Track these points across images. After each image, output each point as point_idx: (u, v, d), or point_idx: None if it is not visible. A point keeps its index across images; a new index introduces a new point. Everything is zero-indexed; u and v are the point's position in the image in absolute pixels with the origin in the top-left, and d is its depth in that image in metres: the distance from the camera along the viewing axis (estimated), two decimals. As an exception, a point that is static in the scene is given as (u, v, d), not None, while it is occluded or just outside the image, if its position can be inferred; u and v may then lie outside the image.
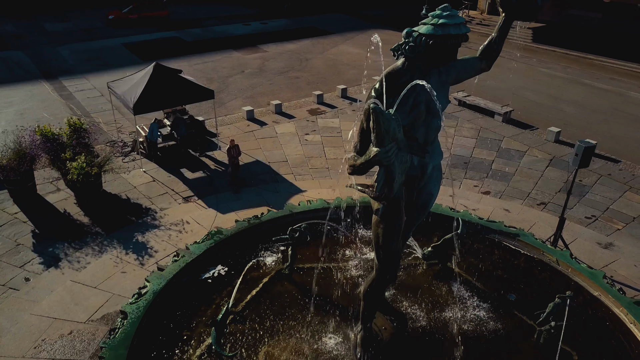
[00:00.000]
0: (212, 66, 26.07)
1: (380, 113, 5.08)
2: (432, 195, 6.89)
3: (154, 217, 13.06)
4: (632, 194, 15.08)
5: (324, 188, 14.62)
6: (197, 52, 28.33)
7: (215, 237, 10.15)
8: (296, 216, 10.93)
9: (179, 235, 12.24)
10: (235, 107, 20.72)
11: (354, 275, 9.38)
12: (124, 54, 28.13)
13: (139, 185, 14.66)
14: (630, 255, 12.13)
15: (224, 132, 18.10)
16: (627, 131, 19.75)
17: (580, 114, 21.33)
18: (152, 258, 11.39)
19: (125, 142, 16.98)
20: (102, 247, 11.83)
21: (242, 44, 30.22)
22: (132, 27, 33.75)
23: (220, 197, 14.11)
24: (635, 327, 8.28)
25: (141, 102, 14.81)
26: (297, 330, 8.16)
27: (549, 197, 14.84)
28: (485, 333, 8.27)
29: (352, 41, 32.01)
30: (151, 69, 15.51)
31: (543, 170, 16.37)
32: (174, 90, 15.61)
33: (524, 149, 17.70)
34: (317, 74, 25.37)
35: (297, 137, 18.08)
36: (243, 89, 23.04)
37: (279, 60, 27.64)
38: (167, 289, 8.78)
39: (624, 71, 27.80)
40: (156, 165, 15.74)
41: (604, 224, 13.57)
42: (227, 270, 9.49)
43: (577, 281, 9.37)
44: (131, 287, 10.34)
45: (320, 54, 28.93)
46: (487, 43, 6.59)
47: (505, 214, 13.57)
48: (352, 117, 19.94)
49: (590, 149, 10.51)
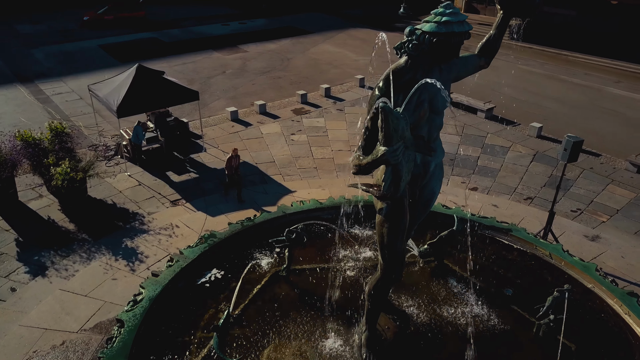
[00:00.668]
0: (193, 67, 25.75)
1: (389, 112, 5.05)
2: (434, 193, 6.90)
3: (142, 222, 12.80)
4: (614, 187, 15.41)
5: (314, 188, 14.56)
6: (176, 53, 27.94)
7: (209, 240, 9.98)
8: (290, 217, 10.83)
9: (169, 240, 12.03)
10: (219, 108, 20.49)
11: (352, 275, 9.34)
12: (101, 55, 27.56)
13: (124, 189, 14.36)
14: (617, 247, 12.39)
15: (208, 134, 17.88)
16: (605, 125, 20.18)
17: (559, 109, 21.72)
18: (143, 264, 11.16)
19: (108, 145, 16.63)
20: (90, 253, 11.55)
21: (221, 44, 29.92)
22: (108, 29, 33.11)
23: (208, 200, 13.92)
24: (629, 317, 8.42)
25: (125, 105, 14.52)
26: (299, 333, 8.08)
27: (534, 191, 15.07)
28: (485, 328, 8.32)
29: (332, 40, 31.99)
30: (134, 71, 15.21)
31: (527, 165, 16.62)
32: (157, 92, 15.35)
33: (508, 145, 17.94)
34: (299, 74, 25.28)
35: (283, 137, 17.97)
36: (225, 89, 22.81)
37: (260, 60, 27.45)
38: (163, 295, 8.60)
39: (599, 67, 28.43)
40: (141, 169, 15.45)
41: (589, 217, 13.84)
42: (223, 274, 9.35)
43: (570, 274, 9.49)
44: (123, 294, 10.13)
45: (301, 54, 28.83)
46: (486, 40, 6.63)
47: (494, 209, 13.71)
48: (337, 116, 19.92)
49: (578, 143, 10.69)
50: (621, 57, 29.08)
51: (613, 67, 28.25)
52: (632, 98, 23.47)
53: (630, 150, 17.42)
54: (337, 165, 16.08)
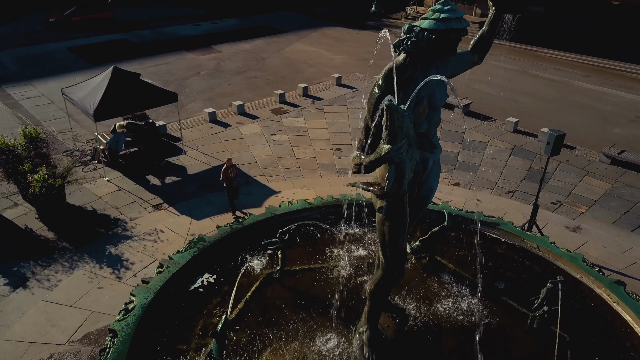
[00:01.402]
0: (166, 68, 25.29)
1: (395, 110, 5.02)
2: (432, 190, 6.92)
3: (124, 228, 12.49)
4: (590, 178, 15.82)
5: (298, 188, 14.47)
6: (148, 55, 27.39)
7: (198, 244, 9.79)
8: (279, 218, 10.73)
9: (155, 245, 11.76)
10: (196, 110, 20.18)
11: (346, 274, 9.30)
12: (69, 58, 26.79)
13: (104, 195, 13.98)
14: (597, 237, 12.71)
15: (187, 136, 17.58)
16: (577, 118, 20.71)
17: (533, 104, 22.17)
18: (129, 271, 10.88)
19: (84, 150, 16.17)
20: (72, 262, 11.19)
21: (194, 44, 29.48)
22: (75, 31, 32.21)
23: (192, 203, 13.68)
24: (618, 305, 8.64)
25: (102, 108, 14.12)
26: (297, 335, 8.00)
27: (515, 185, 15.33)
28: (480, 322, 8.40)
29: (306, 39, 31.91)
30: (109, 73, 14.82)
31: (506, 159, 16.91)
32: (135, 94, 14.99)
33: (486, 140, 18.22)
34: (276, 73, 25.12)
35: (263, 138, 17.82)
36: (201, 90, 22.48)
37: (235, 60, 27.16)
38: (155, 302, 8.39)
39: (567, 61, 29.15)
40: (120, 174, 15.07)
41: (568, 209, 14.16)
42: (215, 278, 9.18)
43: (558, 265, 9.68)
44: (111, 302, 9.87)
45: (276, 53, 28.66)
46: (479, 37, 6.68)
47: (478, 204, 13.89)
48: (317, 115, 19.86)
49: (560, 137, 10.90)
50: (590, 52, 29.88)
51: (581, 62, 29.01)
52: (601, 92, 24.14)
53: (603, 142, 17.92)
54: (320, 164, 16.02)
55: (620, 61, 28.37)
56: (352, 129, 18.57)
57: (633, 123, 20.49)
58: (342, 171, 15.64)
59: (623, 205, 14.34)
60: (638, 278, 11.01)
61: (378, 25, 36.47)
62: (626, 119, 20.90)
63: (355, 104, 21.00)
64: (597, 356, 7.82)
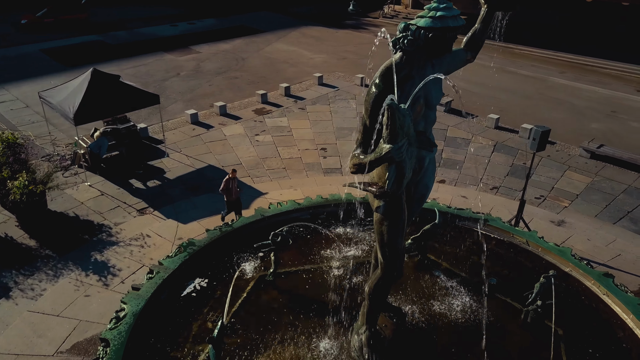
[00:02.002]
0: (145, 70, 24.87)
1: (396, 109, 4.99)
2: (428, 188, 6.92)
3: (109, 234, 12.22)
4: (572, 173, 16.11)
5: (285, 189, 14.38)
6: (125, 56, 26.90)
7: (188, 249, 9.63)
8: (269, 220, 10.63)
9: (142, 250, 11.53)
10: (177, 111, 19.89)
11: (340, 275, 9.25)
12: (44, 60, 26.13)
13: (86, 200, 13.66)
14: (582, 231, 12.94)
15: (169, 138, 17.30)
16: (555, 114, 21.07)
17: (512, 100, 22.48)
18: (116, 277, 10.64)
19: (63, 155, 15.77)
20: (56, 270, 10.90)
21: (172, 45, 29.07)
22: (48, 32, 31.40)
23: (177, 207, 13.46)
24: (607, 297, 8.80)
25: (82, 112, 13.79)
26: (293, 337, 7.92)
27: (499, 181, 15.51)
28: (475, 318, 8.45)
29: (286, 39, 31.76)
30: (89, 76, 14.48)
31: (489, 156, 17.10)
32: (116, 97, 14.67)
33: (469, 137, 18.39)
34: (256, 73, 24.93)
35: (247, 139, 17.66)
36: (182, 92, 22.17)
37: (214, 60, 26.87)
38: (147, 309, 8.21)
39: (542, 58, 29.62)
40: (102, 178, 14.75)
41: (552, 203, 14.39)
42: (207, 283, 9.04)
43: (548, 259, 9.82)
44: (99, 310, 9.64)
45: (256, 53, 28.45)
46: (471, 34, 6.70)
47: (464, 200, 14.00)
48: (300, 115, 19.77)
49: (546, 133, 11.06)
50: (563, 48, 30.45)
51: (556, 58, 29.52)
52: (577, 87, 24.62)
53: (581, 137, 18.27)
54: (305, 164, 15.95)
55: (592, 57, 28.96)
56: (336, 128, 18.54)
57: (609, 118, 20.94)
58: (328, 171, 15.59)
59: (604, 199, 14.63)
60: (623, 270, 11.24)
61: (356, 25, 36.56)
62: (602, 113, 21.35)
63: (338, 103, 20.98)
64: (590, 348, 7.94)
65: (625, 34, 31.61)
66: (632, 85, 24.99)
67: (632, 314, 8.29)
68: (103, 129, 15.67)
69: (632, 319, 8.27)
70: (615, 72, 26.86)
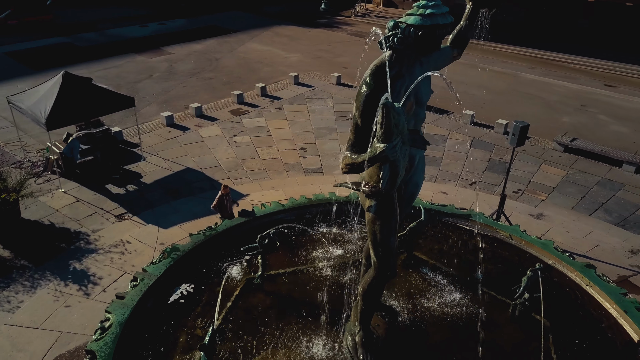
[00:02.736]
0: (116, 72, 24.30)
1: (391, 108, 4.95)
2: (418, 186, 6.93)
3: (87, 241, 11.88)
4: (547, 166, 16.44)
5: (266, 190, 14.24)
6: (94, 58, 26.24)
7: (172, 254, 9.41)
8: (253, 222, 10.50)
9: (123, 257, 11.25)
10: (152, 114, 19.50)
11: (329, 275, 9.19)
12: (9, 64, 25.27)
13: (61, 207, 13.25)
14: (560, 223, 13.21)
15: (145, 141, 16.94)
16: (528, 109, 21.47)
17: (485, 97, 22.78)
18: (97, 286, 10.35)
19: (35, 161, 15.27)
20: (33, 281, 10.53)
21: (143, 46, 28.50)
22: (12, 34, 30.35)
23: (157, 212, 13.19)
24: (591, 288, 8.97)
25: (54, 116, 13.37)
26: (284, 341, 7.83)
27: (477, 176, 15.72)
28: (463, 313, 8.52)
29: (259, 38, 31.53)
30: (60, 79, 14.04)
31: (467, 151, 17.30)
32: (89, 100, 14.28)
33: (446, 133, 18.58)
34: (231, 74, 24.66)
35: (225, 140, 17.43)
36: (155, 94, 21.75)
37: (187, 61, 26.46)
38: (133, 318, 7.98)
39: (512, 54, 30.17)
40: (77, 184, 14.34)
41: (530, 197, 14.65)
42: (193, 288, 8.86)
43: (531, 252, 9.96)
44: (81, 321, 9.36)
45: (230, 53, 28.14)
46: (457, 32, 6.74)
47: (445, 196, 14.13)
48: (278, 115, 19.64)
49: (525, 128, 11.23)
50: (531, 44, 31.07)
51: (525, 54, 30.11)
52: (547, 82, 25.17)
53: (554, 131, 18.68)
54: (285, 164, 15.84)
55: (559, 52, 29.66)
56: (315, 127, 18.48)
57: (579, 111, 21.47)
58: (309, 170, 15.52)
59: (579, 191, 14.98)
60: (602, 260, 11.52)
61: (329, 23, 36.56)
62: (572, 107, 21.88)
63: (315, 102, 20.92)
64: (576, 339, 8.08)
65: (588, 30, 32.46)
66: (599, 79, 25.69)
67: (616, 303, 8.47)
68: (76, 133, 15.23)
69: (615, 308, 8.45)
70: (582, 67, 27.56)
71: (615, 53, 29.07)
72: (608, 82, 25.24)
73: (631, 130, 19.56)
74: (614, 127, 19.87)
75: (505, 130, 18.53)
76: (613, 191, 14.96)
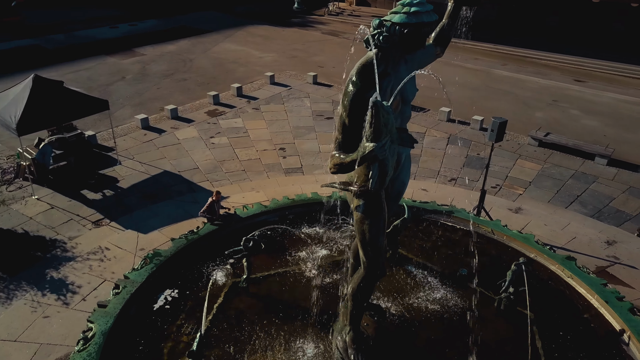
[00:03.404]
0: (87, 75, 23.72)
1: (381, 107, 4.93)
2: (404, 184, 6.94)
3: (64, 249, 11.54)
4: (523, 161, 16.72)
5: (247, 191, 14.08)
6: (64, 61, 25.55)
7: (154, 260, 9.25)
8: (236, 224, 10.39)
9: (102, 264, 10.96)
10: (126, 117, 19.10)
11: (314, 276, 9.15)
12: (-26, 67, 24.44)
13: (35, 215, 12.85)
14: (538, 216, 13.42)
15: (120, 145, 16.55)
16: (502, 105, 21.81)
17: (461, 93, 23.05)
18: (76, 295, 10.05)
19: (5, 168, 14.78)
20: (9, 292, 10.16)
21: (114, 48, 27.89)
22: (-23, 37, 29.41)
23: (135, 216, 12.89)
24: (572, 280, 9.17)
25: (25, 121, 12.93)
26: (273, 343, 7.76)
27: (456, 173, 15.87)
28: (449, 309, 8.60)
29: (232, 38, 31.22)
30: (30, 82, 13.59)
31: (444, 148, 17.46)
32: (61, 104, 13.86)
33: (423, 130, 18.72)
34: (206, 74, 24.35)
35: (202, 142, 17.19)
36: (129, 96, 21.31)
37: (160, 62, 26.02)
38: (116, 327, 7.81)
39: (484, 51, 30.59)
40: (50, 190, 13.91)
41: (507, 191, 14.86)
42: (178, 294, 8.71)
43: (513, 247, 10.13)
44: (61, 332, 9.07)
45: (203, 54, 27.79)
46: (440, 30, 6.76)
47: (425, 193, 14.21)
48: (255, 115, 19.47)
49: (503, 124, 11.38)
50: (501, 41, 31.58)
51: (497, 51, 30.58)
52: (519, 78, 25.61)
53: (528, 126, 19.00)
54: (265, 165, 15.71)
55: (530, 49, 30.22)
56: (293, 127, 18.39)
57: (551, 107, 21.90)
58: (289, 171, 15.43)
59: (555, 184, 15.27)
60: (580, 252, 11.73)
61: (302, 22, 36.46)
62: (544, 103, 22.31)
63: (292, 102, 20.82)
64: (560, 330, 8.24)
65: (558, 27, 33.20)
66: (569, 75, 26.28)
67: (597, 294, 8.67)
68: (48, 138, 14.79)
69: (597, 299, 8.65)
70: (553, 63, 28.15)
71: (583, 49, 29.79)
72: (578, 78, 25.85)
73: (601, 124, 20.06)
74: (585, 121, 20.35)
75: (481, 126, 18.78)
76: (587, 184, 15.30)
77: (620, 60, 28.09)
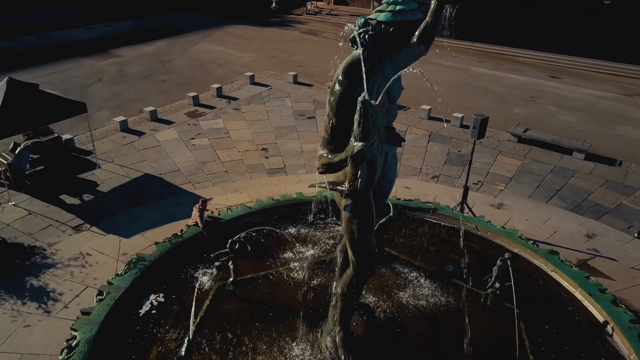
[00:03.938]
0: (62, 77, 23.23)
1: (369, 106, 4.91)
2: (391, 183, 6.95)
3: (44, 256, 11.27)
4: (503, 157, 16.92)
5: (229, 193, 13.94)
6: (38, 63, 24.98)
7: (138, 264, 9.10)
8: (221, 227, 10.28)
9: (84, 271, 10.72)
10: (104, 119, 18.76)
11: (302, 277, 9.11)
12: (-57, 71, 23.72)
13: (12, 221, 12.52)
14: (520, 212, 13.60)
15: (99, 148, 16.24)
16: (480, 102, 22.05)
17: (440, 91, 23.24)
18: (58, 302, 9.81)
19: (-20, 174, 14.37)
20: (-13, 301, 9.90)
21: (90, 49, 27.38)
22: (-55, 40, 28.58)
23: (116, 221, 12.66)
24: (555, 273, 9.31)
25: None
26: (262, 346, 7.69)
27: (438, 170, 15.99)
28: (437, 305, 8.65)
29: (211, 38, 30.94)
30: (4, 85, 13.24)
31: (426, 146, 17.58)
32: (37, 107, 13.53)
33: (404, 129, 18.80)
34: (184, 75, 24.07)
35: (182, 143, 16.98)
36: (106, 98, 20.94)
37: (138, 64, 25.64)
38: (101, 334, 7.65)
39: (461, 49, 30.83)
40: (28, 196, 13.58)
41: (489, 187, 15.03)
42: (164, 298, 8.58)
43: (497, 242, 10.24)
44: (43, 341, 8.85)
45: (182, 54, 27.48)
46: (423, 28, 6.79)
47: (408, 191, 14.27)
48: (235, 115, 19.31)
49: (485, 120, 11.50)
50: (477, 39, 31.95)
51: (474, 48, 30.90)
52: (496, 75, 25.93)
53: (507, 122, 19.24)
54: (247, 166, 15.59)
55: (506, 46, 30.65)
56: (275, 127, 18.30)
57: (528, 103, 22.23)
58: (272, 171, 15.35)
59: (535, 180, 15.50)
60: (562, 246, 11.90)
61: (281, 22, 36.33)
62: (522, 99, 22.63)
63: (273, 102, 20.72)
64: (545, 324, 8.35)
65: (532, 23, 33.72)
66: (545, 71, 26.71)
67: (580, 287, 8.81)
68: (24, 143, 14.44)
69: (580, 292, 8.80)
70: (529, 60, 28.57)
71: (558, 46, 30.33)
72: (553, 74, 26.29)
73: (578, 119, 20.44)
74: (562, 116, 20.70)
75: (461, 123, 18.96)
76: (566, 178, 15.57)
77: (593, 56, 28.69)
